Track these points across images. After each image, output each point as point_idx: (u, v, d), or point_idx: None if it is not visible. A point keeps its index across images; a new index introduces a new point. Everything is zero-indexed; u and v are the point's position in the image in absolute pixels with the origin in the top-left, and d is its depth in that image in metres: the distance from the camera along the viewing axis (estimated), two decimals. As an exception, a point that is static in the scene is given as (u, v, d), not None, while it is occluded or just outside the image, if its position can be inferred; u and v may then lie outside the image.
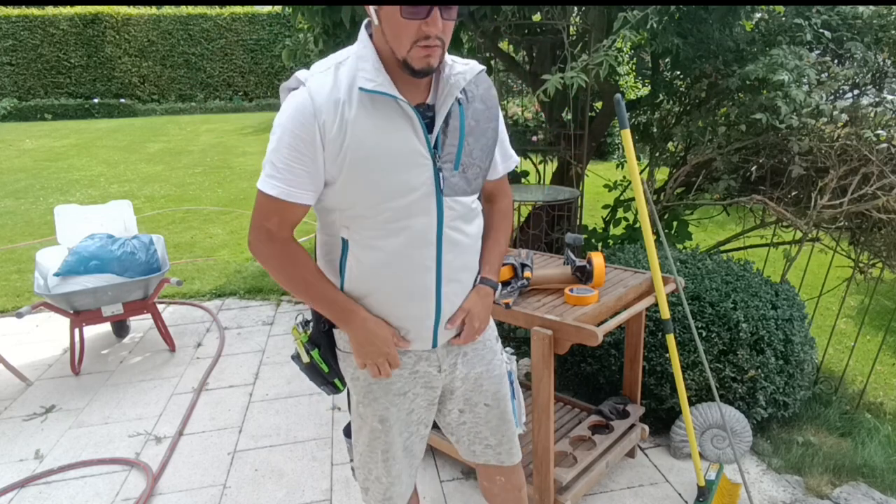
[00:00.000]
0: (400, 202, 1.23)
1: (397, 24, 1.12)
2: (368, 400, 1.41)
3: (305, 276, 1.28)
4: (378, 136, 1.18)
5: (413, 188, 1.22)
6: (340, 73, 1.19)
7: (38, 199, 7.77)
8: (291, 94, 1.20)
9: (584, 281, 2.02)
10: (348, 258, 1.29)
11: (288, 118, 1.17)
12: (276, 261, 1.27)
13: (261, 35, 18.81)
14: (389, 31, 1.14)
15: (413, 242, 1.27)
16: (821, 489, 2.29)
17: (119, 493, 2.37)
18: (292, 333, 1.48)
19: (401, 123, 1.20)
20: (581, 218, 3.44)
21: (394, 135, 1.19)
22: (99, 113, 17.28)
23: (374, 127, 1.18)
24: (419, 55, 1.13)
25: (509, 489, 1.64)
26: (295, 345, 1.47)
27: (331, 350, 1.43)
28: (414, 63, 1.14)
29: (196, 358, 3.50)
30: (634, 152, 1.93)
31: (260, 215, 1.25)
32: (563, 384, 2.89)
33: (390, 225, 1.24)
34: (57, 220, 3.50)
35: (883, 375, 3.42)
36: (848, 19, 3.10)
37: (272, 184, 1.20)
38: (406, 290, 1.31)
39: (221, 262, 5.24)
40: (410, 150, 1.21)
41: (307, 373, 1.47)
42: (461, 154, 1.27)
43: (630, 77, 7.32)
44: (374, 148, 1.18)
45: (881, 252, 2.83)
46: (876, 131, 2.65)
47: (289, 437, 2.71)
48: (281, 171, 1.18)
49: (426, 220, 1.26)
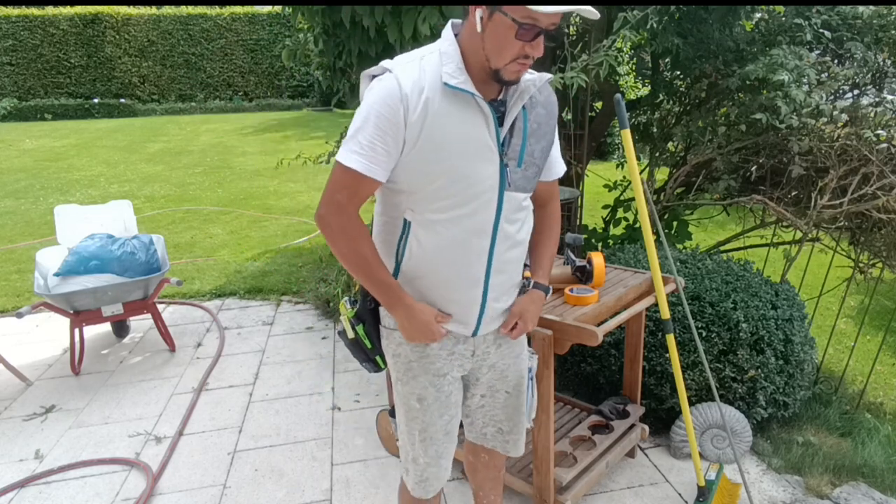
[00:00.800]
0: (468, 191, 1.30)
1: (506, 40, 1.20)
2: (408, 378, 1.48)
3: (365, 253, 1.32)
4: (455, 126, 1.26)
5: (481, 179, 1.31)
6: (425, 65, 1.26)
7: (38, 199, 7.77)
8: (378, 79, 1.27)
9: (584, 281, 2.02)
10: (409, 239, 1.36)
11: (376, 99, 1.24)
12: (342, 234, 1.30)
13: (261, 35, 18.81)
14: (494, 43, 1.21)
15: (473, 230, 1.34)
16: (821, 489, 2.29)
17: (119, 493, 2.37)
18: (339, 309, 1.54)
19: (476, 118, 1.28)
20: (581, 218, 3.44)
21: (469, 127, 1.27)
22: (99, 113, 17.28)
23: (451, 117, 1.26)
24: (514, 69, 1.23)
25: (490, 467, 1.75)
26: (342, 320, 1.52)
27: (375, 327, 1.50)
28: (506, 76, 1.24)
29: (196, 358, 3.50)
30: (634, 152, 1.93)
31: (334, 188, 1.29)
32: (563, 384, 2.89)
33: (455, 211, 1.32)
34: (57, 220, 3.50)
35: (883, 375, 3.42)
36: (848, 19, 3.10)
37: (353, 158, 1.25)
38: (459, 276, 1.38)
39: (221, 262, 5.24)
40: (482, 143, 1.29)
41: (351, 348, 1.55)
42: (524, 153, 1.36)
43: (630, 77, 7.32)
44: (449, 136, 1.26)
45: (881, 252, 2.83)
46: (876, 131, 2.65)
47: (289, 437, 2.71)
48: (364, 147, 1.24)
49: (488, 210, 1.34)
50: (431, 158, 1.26)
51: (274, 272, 4.88)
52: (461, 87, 1.24)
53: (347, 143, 1.27)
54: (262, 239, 5.96)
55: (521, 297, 1.52)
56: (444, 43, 1.29)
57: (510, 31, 1.18)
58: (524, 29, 1.17)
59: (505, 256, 1.41)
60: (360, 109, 1.27)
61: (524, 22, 1.16)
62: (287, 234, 6.09)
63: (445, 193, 1.30)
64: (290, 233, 6.15)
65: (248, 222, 6.65)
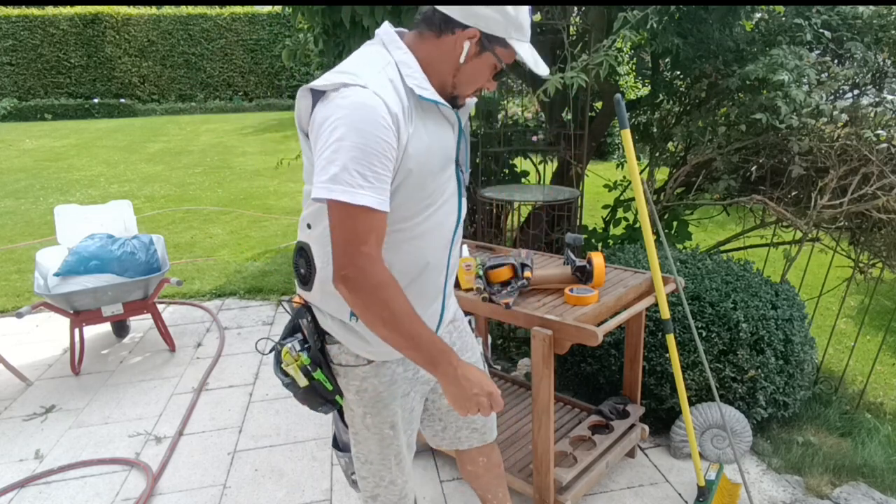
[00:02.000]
0: (439, 202, 1.27)
1: (482, 76, 1.24)
2: (378, 409, 1.39)
3: (410, 308, 1.15)
4: (430, 139, 1.21)
5: (446, 189, 1.28)
6: (390, 76, 1.17)
7: (38, 199, 7.77)
8: (353, 93, 1.10)
9: (584, 281, 2.02)
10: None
11: (366, 119, 1.08)
12: (382, 292, 1.11)
13: (261, 35, 18.80)
14: (471, 76, 1.23)
15: (439, 241, 1.30)
16: (821, 489, 2.29)
17: (119, 493, 2.37)
18: (284, 359, 1.34)
19: (445, 127, 1.26)
20: (581, 218, 3.44)
21: (441, 137, 1.24)
22: (99, 113, 17.28)
23: (427, 131, 1.21)
24: (469, 97, 1.28)
25: (491, 467, 1.73)
26: (287, 370, 1.34)
27: (328, 367, 1.38)
28: (461, 101, 1.27)
29: (196, 358, 3.50)
30: (634, 152, 1.93)
31: (355, 239, 1.09)
32: (563, 384, 2.89)
33: (424, 225, 1.25)
34: (57, 220, 3.50)
35: (883, 375, 3.42)
36: (848, 19, 3.10)
37: (366, 194, 1.07)
38: (427, 291, 1.33)
39: (221, 262, 5.24)
40: (449, 152, 1.27)
41: (305, 396, 1.38)
42: (468, 158, 1.36)
43: (630, 77, 7.32)
44: (427, 151, 1.20)
45: (881, 252, 2.83)
46: (876, 131, 2.65)
47: (289, 437, 2.71)
48: (369, 178, 1.08)
49: (451, 219, 1.31)
50: (414, 175, 1.18)
51: (274, 272, 4.88)
52: (433, 99, 1.18)
53: (343, 177, 1.06)
54: (262, 239, 5.96)
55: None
56: (398, 52, 1.20)
57: (490, 69, 1.23)
58: (499, 69, 1.24)
59: (455, 261, 1.40)
60: (345, 134, 1.07)
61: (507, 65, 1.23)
62: (287, 234, 6.09)
63: (423, 206, 1.23)
64: (290, 233, 6.15)
65: (248, 222, 6.65)
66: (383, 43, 1.22)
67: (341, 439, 1.55)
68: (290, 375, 1.35)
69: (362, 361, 1.35)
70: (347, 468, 1.54)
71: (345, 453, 1.54)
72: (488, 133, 3.79)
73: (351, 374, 1.37)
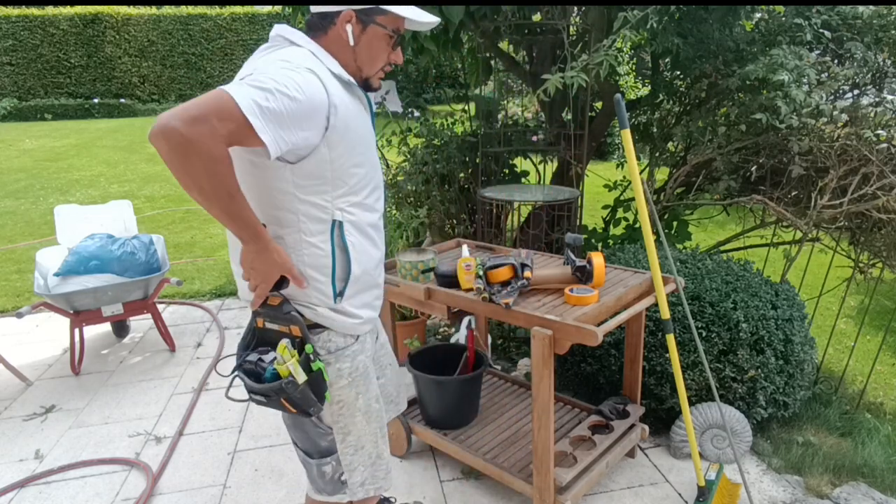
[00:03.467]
0: (375, 175, 1.41)
1: (379, 49, 1.35)
2: (367, 384, 1.48)
3: (233, 184, 1.16)
4: (356, 121, 1.33)
5: (377, 165, 1.43)
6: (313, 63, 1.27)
7: (38, 199, 7.77)
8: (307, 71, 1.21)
9: (584, 281, 2.02)
10: (347, 240, 1.35)
11: (309, 87, 1.19)
12: (209, 156, 1.09)
13: (261, 35, 18.78)
14: (368, 53, 1.35)
15: (379, 212, 1.45)
16: (821, 489, 2.29)
17: (119, 493, 2.37)
18: (281, 356, 1.32)
19: (362, 109, 1.38)
20: (581, 218, 3.44)
21: (363, 119, 1.37)
22: (99, 113, 17.27)
23: (354, 114, 1.32)
24: (380, 75, 1.40)
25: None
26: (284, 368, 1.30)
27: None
28: (374, 82, 1.40)
29: (196, 358, 3.50)
30: (634, 152, 1.93)
31: (209, 111, 1.08)
32: (563, 384, 2.89)
33: (369, 199, 1.40)
34: (57, 220, 3.50)
35: (883, 375, 3.42)
36: (848, 19, 3.10)
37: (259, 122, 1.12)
38: (379, 257, 1.47)
39: (221, 262, 5.23)
40: (371, 131, 1.41)
41: (302, 396, 1.32)
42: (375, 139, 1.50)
43: (630, 77, 7.33)
44: (359, 128, 1.33)
45: (881, 252, 2.83)
46: (876, 131, 2.65)
47: (289, 437, 2.70)
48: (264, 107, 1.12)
49: (381, 191, 1.46)
50: (355, 153, 1.31)
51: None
52: (347, 79, 1.31)
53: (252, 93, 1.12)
54: (262, 239, 5.95)
55: None
56: (310, 44, 1.31)
57: (383, 40, 1.34)
58: (395, 36, 1.33)
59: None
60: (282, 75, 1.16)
61: (395, 33, 1.33)
62: (287, 234, 6.08)
63: (363, 183, 1.37)
64: (290, 233, 6.14)
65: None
66: (290, 41, 1.31)
67: (316, 447, 1.52)
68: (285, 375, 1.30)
69: (350, 340, 1.43)
70: (335, 471, 1.52)
71: (327, 457, 1.51)
72: (488, 133, 3.79)
73: (342, 358, 1.42)
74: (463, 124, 4.46)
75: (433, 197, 3.72)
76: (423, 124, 3.99)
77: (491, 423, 2.46)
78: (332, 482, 1.54)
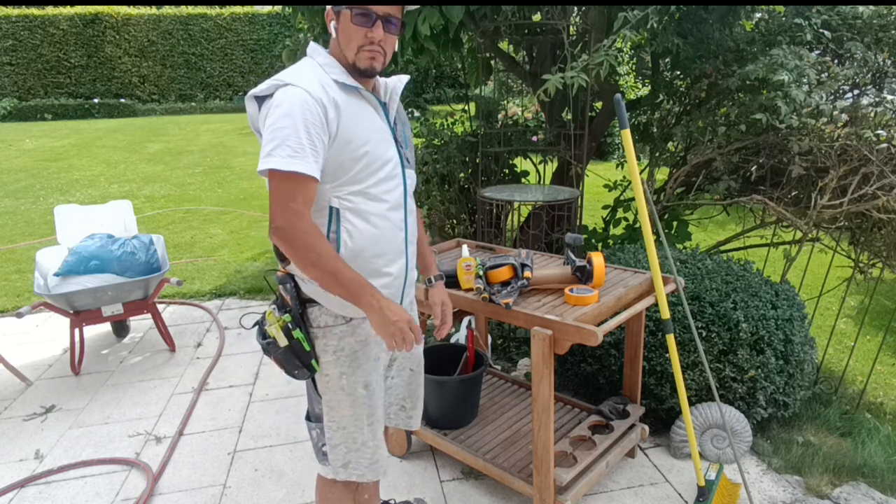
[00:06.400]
0: (383, 170, 1.46)
1: (349, 30, 1.40)
2: (353, 368, 1.52)
3: (332, 253, 1.35)
4: (359, 118, 1.43)
5: (388, 159, 1.48)
6: (316, 75, 1.40)
7: (38, 199, 7.77)
8: (285, 91, 1.35)
9: (584, 281, 2.02)
10: (342, 224, 1.43)
11: (295, 106, 1.32)
12: (306, 240, 1.32)
13: (261, 35, 18.80)
14: (343, 37, 1.41)
15: (391, 205, 1.49)
16: (821, 489, 2.29)
17: (119, 493, 2.37)
18: (267, 319, 1.51)
19: (370, 109, 1.47)
20: (581, 218, 3.44)
21: (369, 117, 1.46)
22: (99, 113, 17.28)
23: (355, 112, 1.42)
24: (364, 57, 1.42)
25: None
26: (270, 330, 1.48)
27: (307, 331, 1.51)
28: (360, 64, 1.42)
29: (196, 358, 3.50)
30: (634, 152, 1.93)
31: (284, 198, 1.32)
32: (563, 384, 2.89)
33: (375, 189, 1.45)
34: (57, 220, 3.50)
35: (883, 375, 3.42)
36: (848, 19, 3.10)
37: (293, 162, 1.30)
38: (388, 249, 1.50)
39: (221, 262, 5.24)
40: (381, 128, 1.48)
41: (283, 357, 1.49)
42: (406, 137, 1.58)
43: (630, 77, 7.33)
44: (359, 126, 1.42)
45: (881, 252, 2.83)
46: (876, 131, 2.65)
47: (289, 437, 2.71)
48: (298, 150, 1.31)
49: (399, 186, 1.51)
50: (351, 147, 1.39)
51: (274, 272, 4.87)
52: (351, 84, 1.42)
53: (277, 152, 1.31)
54: (262, 239, 5.96)
55: (433, 288, 1.72)
56: (320, 57, 1.45)
57: (348, 20, 1.39)
58: (359, 15, 1.37)
59: (412, 227, 1.58)
60: (279, 121, 1.32)
61: (358, 11, 1.38)
62: (287, 234, 6.08)
63: (366, 174, 1.43)
64: (290, 233, 6.14)
65: (248, 222, 6.65)
66: (310, 55, 1.48)
67: (313, 411, 1.63)
68: (271, 336, 1.48)
69: (340, 321, 1.50)
70: (318, 439, 1.61)
71: (317, 423, 1.61)
72: (488, 133, 3.79)
73: (329, 335, 1.50)
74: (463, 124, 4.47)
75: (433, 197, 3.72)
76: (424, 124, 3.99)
77: (491, 423, 2.46)
78: (317, 449, 1.64)
